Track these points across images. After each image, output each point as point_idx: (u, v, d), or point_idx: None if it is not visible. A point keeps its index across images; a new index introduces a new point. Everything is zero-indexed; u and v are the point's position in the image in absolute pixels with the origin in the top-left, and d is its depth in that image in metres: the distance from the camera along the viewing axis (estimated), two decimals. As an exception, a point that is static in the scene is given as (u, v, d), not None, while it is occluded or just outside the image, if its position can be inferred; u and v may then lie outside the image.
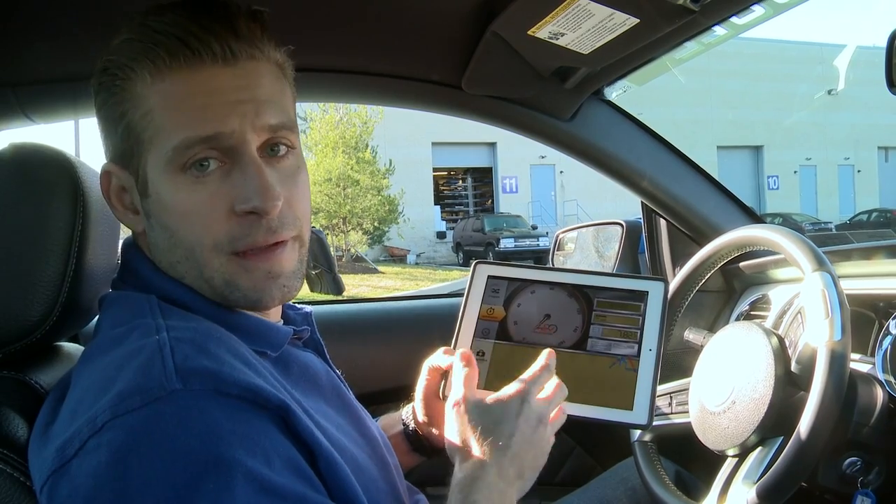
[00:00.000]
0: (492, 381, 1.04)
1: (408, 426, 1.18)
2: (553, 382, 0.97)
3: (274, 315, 0.98)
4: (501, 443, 0.89)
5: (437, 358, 1.09)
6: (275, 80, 0.88)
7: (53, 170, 0.95)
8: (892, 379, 1.19)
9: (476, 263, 1.15)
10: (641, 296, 1.08)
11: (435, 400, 1.10)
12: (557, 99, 1.69)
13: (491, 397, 0.94)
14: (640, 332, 1.05)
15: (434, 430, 1.14)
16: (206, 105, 0.81)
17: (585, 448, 2.04)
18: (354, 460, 0.86)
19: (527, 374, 0.96)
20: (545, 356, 0.99)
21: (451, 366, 1.05)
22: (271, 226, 0.84)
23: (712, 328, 1.82)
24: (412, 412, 1.18)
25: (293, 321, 1.05)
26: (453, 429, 0.93)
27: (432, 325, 1.99)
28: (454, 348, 1.08)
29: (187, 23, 0.81)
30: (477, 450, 0.89)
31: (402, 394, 1.29)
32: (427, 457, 1.19)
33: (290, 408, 0.75)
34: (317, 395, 0.94)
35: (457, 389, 0.95)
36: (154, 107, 0.82)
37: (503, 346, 1.07)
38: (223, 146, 0.82)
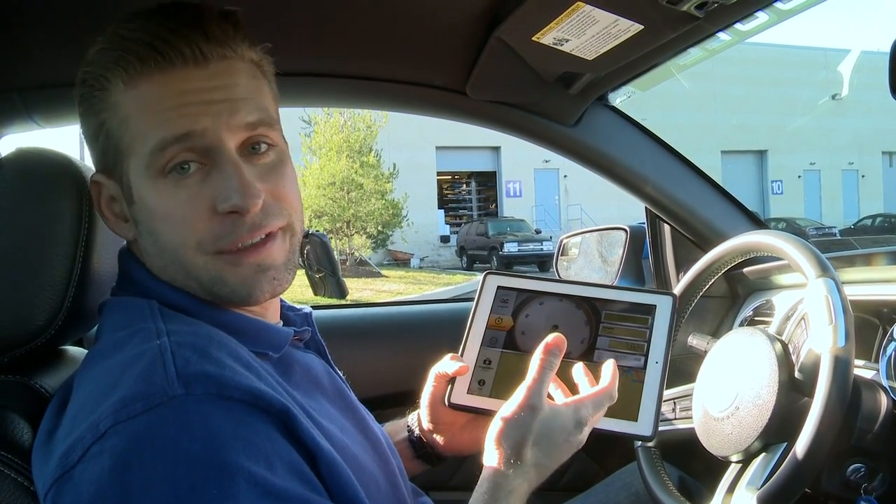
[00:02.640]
0: (497, 389, 1.05)
1: (413, 433, 1.18)
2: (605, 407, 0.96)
3: (272, 317, 0.98)
4: (544, 462, 0.89)
5: (444, 364, 1.09)
6: (250, 79, 0.89)
7: (59, 174, 0.95)
8: (896, 385, 1.19)
9: (486, 274, 1.16)
10: (649, 309, 1.09)
11: (441, 407, 1.10)
12: (561, 104, 1.69)
13: (558, 408, 0.93)
14: (647, 344, 1.05)
15: (439, 438, 1.14)
16: (177, 106, 0.82)
17: (589, 453, 2.04)
18: (356, 461, 0.86)
19: (591, 391, 0.95)
20: (610, 375, 0.97)
21: (457, 371, 1.05)
22: (255, 222, 0.84)
23: (716, 334, 1.82)
24: (417, 419, 1.18)
25: (293, 322, 1.05)
26: (515, 425, 0.90)
27: (436, 330, 2.00)
28: (461, 356, 1.08)
29: (156, 28, 0.83)
30: (523, 460, 0.88)
31: (405, 399, 1.29)
32: (431, 464, 1.19)
33: (292, 411, 0.75)
34: (319, 395, 0.94)
35: (537, 386, 0.92)
36: (129, 113, 0.83)
37: (510, 356, 1.07)
38: (199, 146, 0.82)
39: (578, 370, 1.00)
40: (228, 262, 0.85)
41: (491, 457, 0.90)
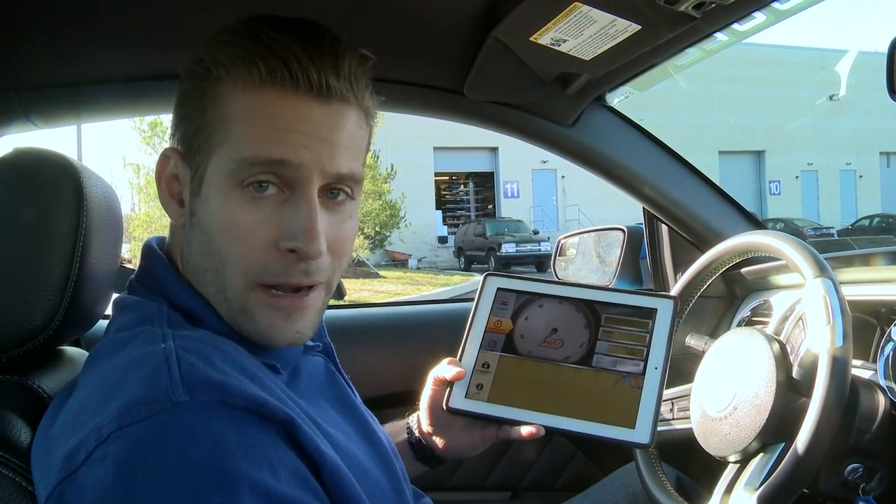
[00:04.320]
0: (495, 394, 1.04)
1: (412, 435, 1.18)
2: None
3: None
4: None
5: (442, 369, 1.09)
6: (357, 128, 0.88)
7: (56, 174, 0.95)
8: (894, 385, 1.19)
9: (486, 276, 1.16)
10: (650, 313, 1.08)
11: (440, 410, 1.10)
12: (559, 105, 1.69)
13: None
14: (646, 349, 1.05)
15: (438, 440, 1.14)
16: (284, 130, 0.81)
17: (586, 453, 2.04)
18: (361, 467, 0.86)
19: None
20: None
21: (454, 376, 1.05)
22: (309, 269, 0.84)
23: (714, 334, 1.82)
24: (417, 421, 1.18)
25: None
26: None
27: (435, 331, 2.00)
28: (460, 359, 1.08)
29: (295, 45, 0.81)
30: None
31: (403, 399, 1.28)
32: (431, 466, 1.19)
33: (295, 420, 0.75)
34: (324, 402, 0.94)
35: None
36: (234, 114, 0.82)
37: (509, 359, 1.07)
38: (286, 176, 0.81)
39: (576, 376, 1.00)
40: (264, 301, 0.84)
41: None
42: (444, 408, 1.06)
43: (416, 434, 1.18)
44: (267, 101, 0.81)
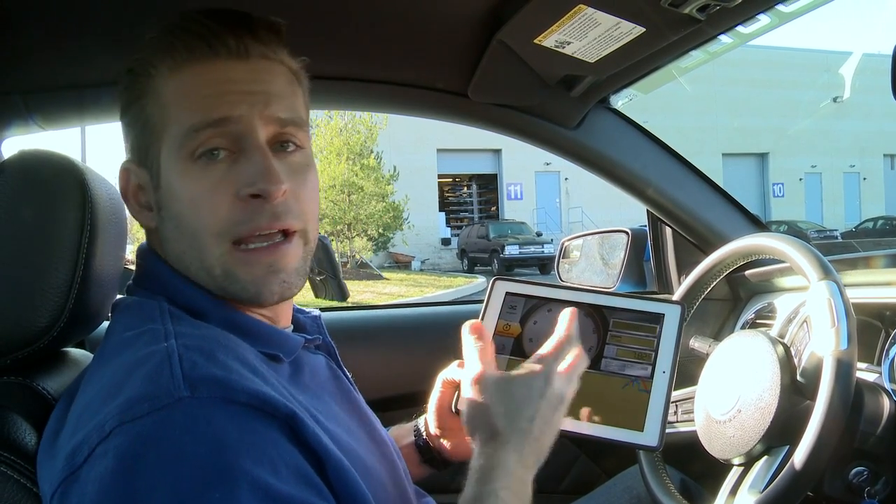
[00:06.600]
0: None
1: (420, 437, 1.18)
2: (574, 352, 0.95)
3: (284, 322, 0.98)
4: (524, 426, 0.88)
5: (451, 371, 1.09)
6: (287, 82, 0.92)
7: (61, 176, 0.95)
8: (898, 388, 1.19)
9: (494, 280, 1.15)
10: (657, 318, 1.08)
11: (448, 413, 1.10)
12: (563, 107, 1.69)
13: (514, 373, 0.93)
14: (654, 353, 1.05)
15: (446, 443, 1.14)
16: (217, 93, 0.85)
17: (590, 456, 2.04)
18: (363, 463, 0.86)
19: (547, 348, 0.95)
20: (567, 319, 0.98)
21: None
22: (275, 211, 0.85)
23: (718, 336, 1.82)
24: (424, 424, 1.18)
25: (303, 325, 1.05)
26: (473, 407, 0.91)
27: (440, 333, 1.99)
28: None
29: (207, 22, 0.87)
30: (498, 433, 0.88)
31: (408, 401, 1.28)
32: (437, 469, 1.19)
33: (298, 416, 0.75)
34: (327, 397, 0.94)
35: (473, 365, 0.94)
36: (170, 99, 0.86)
37: (518, 363, 1.07)
38: (232, 133, 0.85)
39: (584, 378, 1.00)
40: (242, 259, 0.85)
41: (472, 446, 0.90)
42: (454, 410, 1.06)
43: (424, 436, 1.18)
44: (194, 76, 0.86)
